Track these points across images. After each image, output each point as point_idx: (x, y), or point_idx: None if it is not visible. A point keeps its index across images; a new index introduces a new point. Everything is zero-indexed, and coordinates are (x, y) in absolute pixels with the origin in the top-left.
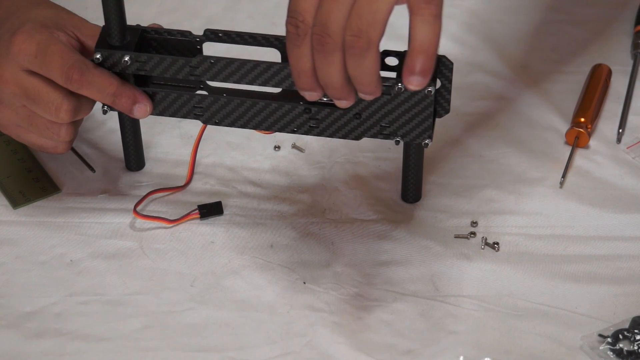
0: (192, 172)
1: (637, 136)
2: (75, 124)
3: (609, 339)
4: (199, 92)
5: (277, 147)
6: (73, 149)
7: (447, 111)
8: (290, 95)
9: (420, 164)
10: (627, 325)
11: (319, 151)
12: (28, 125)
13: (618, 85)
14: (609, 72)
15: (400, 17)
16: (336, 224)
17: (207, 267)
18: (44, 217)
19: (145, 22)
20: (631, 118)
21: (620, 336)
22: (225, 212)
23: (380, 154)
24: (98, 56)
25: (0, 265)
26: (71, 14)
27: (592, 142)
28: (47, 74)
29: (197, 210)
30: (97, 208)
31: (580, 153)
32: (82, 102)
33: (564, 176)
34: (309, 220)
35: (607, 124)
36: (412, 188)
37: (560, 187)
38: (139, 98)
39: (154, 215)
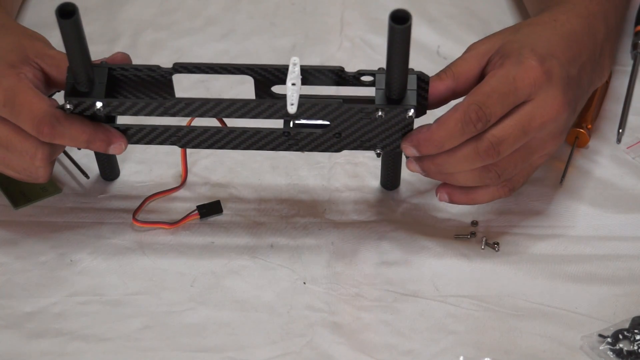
0: (185, 171)
1: (637, 136)
2: (52, 161)
3: (609, 339)
4: (173, 124)
5: None
6: (67, 155)
7: (423, 113)
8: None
9: (399, 157)
10: (627, 325)
11: None
12: (4, 168)
13: (618, 85)
14: (609, 72)
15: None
16: (336, 224)
17: (207, 267)
18: (44, 217)
19: (145, 23)
20: (631, 118)
21: (620, 336)
22: (225, 212)
23: None
24: (69, 107)
25: (0, 265)
26: (33, 40)
27: (592, 142)
28: (17, 123)
29: (196, 211)
30: (97, 208)
31: (580, 153)
32: (55, 146)
33: (564, 176)
34: (309, 220)
35: (607, 124)
36: (391, 178)
37: (560, 186)
38: (113, 139)
39: (154, 220)
